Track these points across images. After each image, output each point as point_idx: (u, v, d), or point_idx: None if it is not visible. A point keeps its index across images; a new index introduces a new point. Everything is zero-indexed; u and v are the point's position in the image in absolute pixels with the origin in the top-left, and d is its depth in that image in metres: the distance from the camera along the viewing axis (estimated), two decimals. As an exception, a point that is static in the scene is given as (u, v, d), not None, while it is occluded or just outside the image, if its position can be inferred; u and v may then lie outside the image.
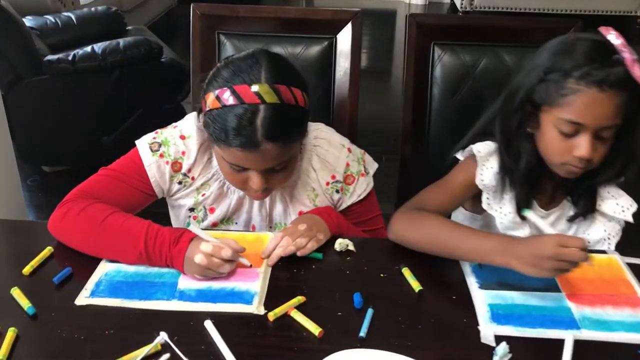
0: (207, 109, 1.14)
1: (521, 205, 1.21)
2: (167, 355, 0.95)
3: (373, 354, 0.95)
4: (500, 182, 1.22)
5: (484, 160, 1.23)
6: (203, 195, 1.31)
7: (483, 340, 0.99)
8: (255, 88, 1.09)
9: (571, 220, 1.27)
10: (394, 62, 5.47)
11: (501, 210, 1.24)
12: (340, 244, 1.20)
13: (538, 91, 1.13)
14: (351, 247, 1.21)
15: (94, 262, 1.16)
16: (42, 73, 2.82)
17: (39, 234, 1.24)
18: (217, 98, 1.11)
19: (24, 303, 1.04)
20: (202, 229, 1.15)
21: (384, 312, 1.05)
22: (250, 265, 1.14)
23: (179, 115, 1.35)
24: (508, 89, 1.19)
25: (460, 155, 1.29)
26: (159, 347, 0.96)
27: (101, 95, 2.97)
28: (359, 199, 1.33)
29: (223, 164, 1.19)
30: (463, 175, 1.26)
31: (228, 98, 1.10)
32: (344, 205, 1.34)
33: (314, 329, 1.00)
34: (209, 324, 1.00)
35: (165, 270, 1.14)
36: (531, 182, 1.21)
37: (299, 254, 1.16)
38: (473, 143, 1.26)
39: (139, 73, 2.98)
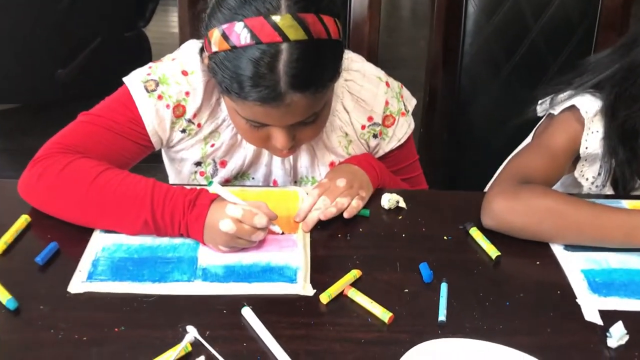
0: (213, 50, 0.88)
1: (624, 181, 1.03)
2: (202, 358, 0.74)
3: (466, 345, 0.76)
4: (605, 150, 1.03)
5: (589, 123, 1.02)
6: (212, 145, 1.06)
7: (587, 318, 0.81)
8: (273, 20, 0.84)
9: None
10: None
11: (594, 180, 1.06)
12: (389, 200, 0.99)
13: None
14: (402, 204, 1.00)
15: (85, 233, 0.93)
16: (-21, -3, 2.46)
17: (8, 198, 0.98)
18: (225, 36, 0.85)
19: (2, 295, 0.80)
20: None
21: (460, 286, 0.85)
22: (282, 233, 0.93)
23: (142, 43, 1.08)
24: (632, 57, 0.98)
25: (547, 108, 1.08)
26: (189, 348, 0.75)
27: (52, 21, 2.62)
28: (399, 143, 1.11)
29: (237, 118, 0.94)
30: (565, 137, 1.04)
31: (239, 36, 0.84)
32: (381, 152, 1.12)
33: (382, 313, 0.79)
34: (248, 312, 0.79)
35: (178, 241, 0.91)
36: None
37: (346, 215, 0.95)
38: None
39: (94, -5, 2.65)
